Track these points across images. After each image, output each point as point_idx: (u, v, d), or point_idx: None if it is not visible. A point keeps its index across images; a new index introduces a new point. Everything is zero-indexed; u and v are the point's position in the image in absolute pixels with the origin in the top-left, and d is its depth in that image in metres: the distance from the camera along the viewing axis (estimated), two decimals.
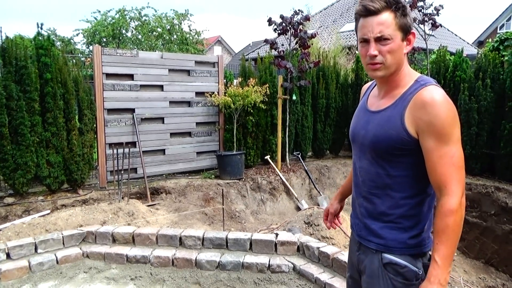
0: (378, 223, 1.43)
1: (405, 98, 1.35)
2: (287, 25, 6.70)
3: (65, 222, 3.93)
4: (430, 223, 1.42)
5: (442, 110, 1.26)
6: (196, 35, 19.09)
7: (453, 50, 7.38)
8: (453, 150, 1.27)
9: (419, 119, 1.29)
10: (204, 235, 3.59)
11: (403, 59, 1.37)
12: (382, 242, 1.41)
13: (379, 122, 1.40)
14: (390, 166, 1.38)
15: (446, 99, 1.27)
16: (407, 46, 1.37)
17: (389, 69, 1.36)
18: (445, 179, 1.27)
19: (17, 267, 3.21)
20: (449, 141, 1.27)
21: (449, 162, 1.27)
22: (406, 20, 1.34)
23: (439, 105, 1.26)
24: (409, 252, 1.37)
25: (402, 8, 1.32)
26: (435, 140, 1.27)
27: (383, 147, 1.37)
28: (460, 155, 1.29)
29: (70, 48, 17.31)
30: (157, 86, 6.04)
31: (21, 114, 4.73)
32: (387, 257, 1.39)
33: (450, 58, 7.11)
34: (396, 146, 1.34)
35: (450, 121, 1.27)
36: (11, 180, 4.78)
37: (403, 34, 1.34)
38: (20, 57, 4.76)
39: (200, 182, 5.83)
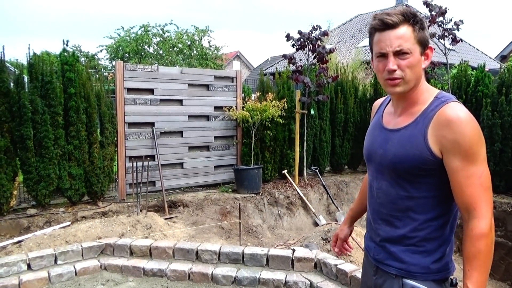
0: (398, 246, 1.36)
1: (426, 116, 1.29)
2: (305, 40, 6.74)
3: (84, 234, 3.99)
4: (452, 245, 1.36)
5: (468, 128, 1.21)
6: (215, 51, 19.40)
7: (475, 64, 7.26)
8: (480, 170, 1.23)
9: (444, 138, 1.24)
10: (220, 250, 3.58)
11: (422, 74, 1.33)
12: (403, 266, 1.34)
13: (399, 141, 1.33)
14: (412, 187, 1.31)
15: (470, 117, 1.23)
16: (425, 61, 1.33)
17: (408, 85, 1.32)
18: (474, 200, 1.22)
19: (37, 278, 3.27)
20: (476, 161, 1.22)
21: (477, 183, 1.22)
22: (424, 34, 1.30)
23: (464, 123, 1.21)
24: (432, 277, 1.30)
25: (420, 22, 1.30)
26: (461, 160, 1.22)
27: (405, 167, 1.31)
28: (487, 175, 1.24)
29: (93, 63, 17.84)
30: (176, 100, 6.14)
31: (46, 128, 4.87)
32: (409, 283, 1.31)
33: (472, 72, 7.00)
34: (419, 166, 1.28)
35: (477, 139, 1.22)
36: (34, 191, 4.91)
37: (422, 48, 1.31)
38: (46, 72, 4.93)
39: (217, 196, 5.84)
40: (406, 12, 1.29)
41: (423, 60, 1.32)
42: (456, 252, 5.47)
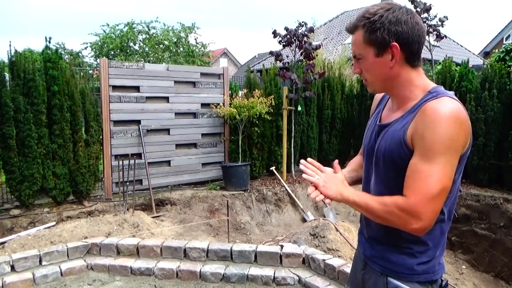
0: (385, 246, 1.34)
1: (413, 110, 1.23)
2: (291, 37, 6.74)
3: (70, 234, 3.93)
4: (443, 249, 1.31)
5: (441, 124, 1.11)
6: (202, 48, 19.29)
7: (459, 61, 7.36)
8: (433, 171, 1.12)
9: (415, 130, 1.18)
10: (208, 247, 3.56)
11: (393, 72, 1.26)
12: (388, 265, 1.32)
13: (386, 136, 1.30)
14: (396, 185, 1.24)
15: (454, 117, 1.12)
16: (392, 60, 1.24)
17: (375, 86, 1.32)
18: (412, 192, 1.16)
19: (21, 279, 3.21)
20: (433, 161, 1.12)
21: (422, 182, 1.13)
22: (377, 34, 1.22)
23: (440, 119, 1.12)
24: (417, 279, 1.27)
25: (370, 24, 1.23)
26: (420, 154, 1.15)
27: (387, 164, 1.27)
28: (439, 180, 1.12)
29: (78, 61, 17.57)
30: (163, 98, 6.08)
31: (29, 126, 4.77)
32: (393, 282, 1.29)
33: (456, 68, 7.09)
34: (399, 163, 1.22)
35: (445, 139, 1.11)
36: (17, 192, 4.81)
37: (377, 49, 1.24)
38: (28, 70, 4.83)
39: (205, 194, 5.82)
40: (360, 15, 1.27)
41: (390, 60, 1.24)
42: None
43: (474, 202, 5.48)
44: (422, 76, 1.30)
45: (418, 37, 1.23)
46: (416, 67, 1.28)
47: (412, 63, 1.27)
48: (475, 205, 5.45)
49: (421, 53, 1.27)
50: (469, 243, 5.34)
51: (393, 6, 1.25)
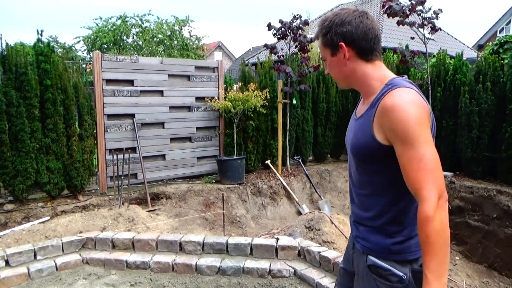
0: (364, 227, 1.45)
1: (373, 105, 1.34)
2: (286, 29, 6.71)
3: (65, 228, 3.91)
4: (413, 227, 1.37)
5: (402, 114, 1.23)
6: (196, 41, 19.16)
7: (453, 53, 7.37)
8: (420, 153, 1.21)
9: (384, 126, 1.28)
10: (204, 240, 3.57)
11: (348, 69, 1.39)
12: (368, 245, 1.42)
13: (356, 129, 1.43)
14: (369, 172, 1.38)
15: (407, 102, 1.24)
16: (345, 57, 1.37)
17: (339, 82, 1.49)
18: (417, 184, 1.22)
19: (16, 274, 3.20)
20: (414, 144, 1.22)
21: (417, 167, 1.21)
22: (327, 37, 1.39)
23: (398, 110, 1.23)
24: (393, 258, 1.35)
25: (322, 29, 1.41)
26: (401, 145, 1.24)
27: (360, 155, 1.39)
28: (430, 157, 1.22)
29: (71, 55, 17.38)
30: (157, 91, 6.04)
31: (21, 121, 4.72)
32: (371, 259, 1.39)
33: (450, 61, 7.10)
34: (369, 153, 1.34)
35: (412, 123, 1.22)
36: (10, 186, 4.77)
37: (331, 49, 1.40)
38: (20, 64, 4.76)
39: (201, 187, 5.81)
40: (319, 24, 1.43)
41: (343, 58, 1.37)
42: None
43: (467, 194, 5.53)
44: (380, 69, 1.39)
45: (364, 34, 1.35)
46: (372, 61, 1.38)
47: (365, 57, 1.37)
48: (469, 197, 5.50)
49: (374, 47, 1.37)
50: (463, 234, 5.40)
51: (341, 11, 1.39)
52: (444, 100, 6.40)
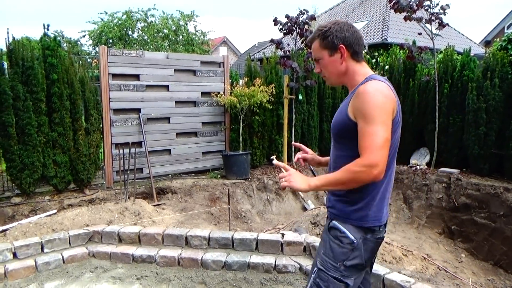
0: (334, 197, 1.74)
1: (353, 92, 1.65)
2: (292, 25, 6.68)
3: (71, 221, 3.94)
4: (374, 201, 1.64)
5: (369, 97, 1.53)
6: (201, 36, 19.12)
7: (460, 49, 7.31)
8: (374, 130, 1.50)
9: (354, 106, 1.59)
10: (210, 235, 3.57)
11: (343, 67, 1.71)
12: (334, 211, 1.72)
13: (337, 113, 1.74)
14: (344, 148, 1.67)
15: (376, 90, 1.55)
16: (341, 58, 1.69)
17: (331, 79, 1.78)
18: (365, 148, 1.50)
19: (24, 266, 3.22)
20: (371, 122, 1.51)
21: (369, 139, 1.50)
22: (328, 40, 1.69)
23: (367, 95, 1.54)
24: (351, 222, 1.64)
25: (322, 34, 1.71)
26: (361, 121, 1.54)
27: (336, 131, 1.71)
28: (382, 136, 1.50)
29: (76, 49, 17.42)
30: (163, 86, 6.04)
31: (28, 115, 4.75)
32: (333, 222, 1.69)
33: (458, 57, 7.03)
34: (343, 129, 1.64)
35: (373, 107, 1.51)
36: (18, 180, 4.81)
37: (330, 50, 1.70)
38: (27, 58, 4.78)
39: (206, 182, 5.82)
40: (316, 31, 1.75)
41: (340, 58, 1.69)
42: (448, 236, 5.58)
43: (474, 191, 5.49)
44: (365, 68, 1.72)
45: (357, 40, 1.69)
46: (360, 62, 1.72)
47: (356, 59, 1.71)
48: (475, 194, 5.47)
49: (361, 52, 1.71)
50: (469, 232, 5.37)
51: (337, 21, 1.73)
52: (451, 96, 6.35)
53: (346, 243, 1.62)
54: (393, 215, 6.08)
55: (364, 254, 1.62)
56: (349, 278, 1.62)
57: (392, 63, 7.34)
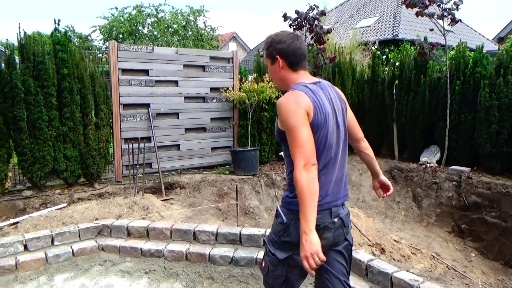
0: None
1: None
2: (302, 20, 6.62)
3: (81, 215, 3.98)
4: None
5: (280, 109, 1.76)
6: (211, 31, 19.11)
7: (473, 46, 7.18)
8: (294, 136, 1.71)
9: (279, 117, 1.80)
10: (217, 231, 3.59)
11: (281, 75, 1.91)
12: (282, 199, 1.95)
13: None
14: (285, 150, 1.88)
15: (283, 101, 1.75)
16: (279, 67, 1.89)
17: (276, 84, 2.01)
18: (293, 156, 1.72)
19: (34, 258, 3.27)
20: (292, 129, 1.71)
21: (293, 144, 1.72)
22: (269, 51, 1.90)
23: (280, 106, 1.76)
24: (285, 206, 1.88)
25: (265, 44, 1.93)
26: (285, 130, 1.76)
27: (277, 136, 1.93)
28: (296, 137, 1.70)
29: (87, 44, 17.54)
30: (172, 81, 6.06)
31: (39, 109, 4.80)
32: (278, 206, 1.95)
33: (470, 54, 6.92)
34: (279, 137, 1.88)
35: (287, 115, 1.72)
36: (29, 173, 4.87)
37: (271, 60, 1.91)
38: (38, 52, 4.82)
39: (215, 178, 5.84)
40: (265, 40, 1.94)
41: (278, 67, 1.89)
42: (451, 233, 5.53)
43: (485, 190, 5.42)
44: (299, 77, 1.89)
45: (293, 51, 1.85)
46: (296, 71, 1.89)
47: (292, 68, 1.88)
48: (486, 193, 5.39)
49: (299, 61, 1.87)
50: (479, 231, 5.30)
51: (281, 32, 1.91)
52: (463, 94, 6.26)
53: (279, 223, 1.88)
54: (402, 213, 6.03)
55: (294, 235, 1.79)
56: (279, 252, 1.86)
57: (402, 59, 7.26)
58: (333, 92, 1.92)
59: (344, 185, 1.95)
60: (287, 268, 1.84)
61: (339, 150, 1.87)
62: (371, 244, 3.99)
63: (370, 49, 10.88)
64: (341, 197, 1.91)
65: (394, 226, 5.68)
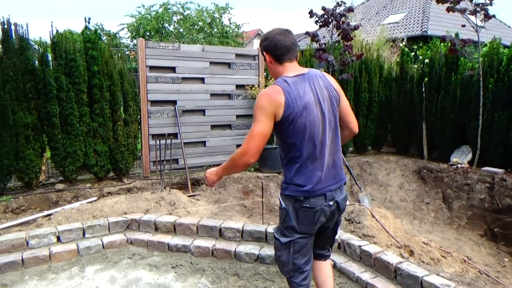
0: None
1: None
2: (329, 17, 6.53)
3: (110, 209, 4.07)
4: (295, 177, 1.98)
5: (257, 101, 1.95)
6: (236, 28, 19.14)
7: (507, 42, 6.93)
8: (252, 126, 1.94)
9: None
10: (243, 228, 3.60)
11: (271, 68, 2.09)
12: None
13: None
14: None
15: (263, 94, 1.95)
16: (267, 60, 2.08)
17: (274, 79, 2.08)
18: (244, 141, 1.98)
19: (67, 250, 3.38)
20: (253, 121, 1.94)
21: (248, 134, 1.96)
22: (260, 48, 2.12)
23: (257, 98, 1.97)
24: (283, 192, 2.06)
25: (260, 42, 2.15)
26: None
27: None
28: (253, 128, 1.93)
29: (115, 42, 17.91)
30: (198, 78, 6.11)
31: (71, 105, 4.94)
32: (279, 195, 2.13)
33: (504, 51, 6.65)
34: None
35: (256, 107, 1.94)
36: (61, 167, 5.03)
37: (263, 55, 2.09)
38: (69, 50, 4.96)
39: (240, 175, 5.85)
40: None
41: (267, 61, 2.08)
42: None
43: None
44: (285, 69, 2.03)
45: (274, 46, 2.00)
46: (282, 64, 2.03)
47: (278, 61, 2.03)
48: None
49: (283, 54, 2.00)
50: None
51: (270, 30, 2.08)
52: (497, 92, 6.02)
53: (281, 208, 2.07)
54: (431, 214, 5.88)
55: (294, 219, 2.00)
56: (282, 237, 2.06)
57: (432, 56, 7.05)
58: (322, 82, 2.03)
59: (339, 169, 2.08)
60: (292, 251, 2.04)
61: (326, 137, 1.98)
62: (399, 246, 3.90)
63: (398, 46, 10.63)
64: (336, 181, 2.05)
65: (423, 228, 5.55)
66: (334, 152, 2.04)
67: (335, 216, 2.11)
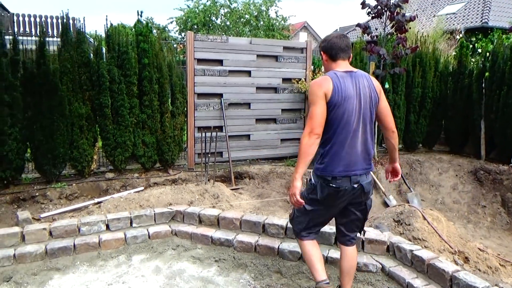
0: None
1: None
2: (382, 8, 6.23)
3: (156, 199, 4.16)
4: (325, 159, 2.32)
5: (310, 88, 2.31)
6: (282, 21, 18.94)
7: None
8: (310, 110, 2.25)
9: None
10: (287, 225, 3.52)
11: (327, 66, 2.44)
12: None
13: None
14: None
15: (312, 83, 2.31)
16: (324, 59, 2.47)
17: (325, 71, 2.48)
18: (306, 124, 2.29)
19: (115, 238, 3.48)
20: (309, 103, 2.30)
21: (308, 117, 2.27)
22: (319, 49, 2.48)
23: (309, 87, 2.34)
24: (314, 172, 2.39)
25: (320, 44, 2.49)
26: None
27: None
28: (311, 111, 2.24)
29: (164, 35, 18.35)
30: (244, 71, 6.07)
31: (122, 97, 5.08)
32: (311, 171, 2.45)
33: None
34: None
35: (309, 93, 2.31)
36: (111, 157, 5.21)
37: (321, 55, 2.49)
38: (122, 43, 5.09)
39: (283, 170, 5.78)
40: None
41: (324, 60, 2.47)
42: None
43: None
44: (337, 65, 2.36)
45: (330, 47, 2.37)
46: (336, 61, 2.37)
47: (332, 59, 2.38)
48: None
49: (336, 54, 2.35)
50: None
51: (330, 34, 2.48)
52: None
53: (309, 182, 2.44)
54: (487, 218, 5.49)
55: (319, 193, 2.34)
56: (307, 206, 2.41)
57: (495, 49, 6.53)
58: (366, 82, 2.33)
59: (368, 158, 2.37)
60: (310, 217, 2.48)
61: (359, 128, 2.29)
62: (453, 252, 3.65)
63: (456, 38, 9.98)
64: (364, 168, 2.34)
65: (478, 233, 5.19)
66: (365, 142, 2.33)
67: (360, 198, 2.40)
